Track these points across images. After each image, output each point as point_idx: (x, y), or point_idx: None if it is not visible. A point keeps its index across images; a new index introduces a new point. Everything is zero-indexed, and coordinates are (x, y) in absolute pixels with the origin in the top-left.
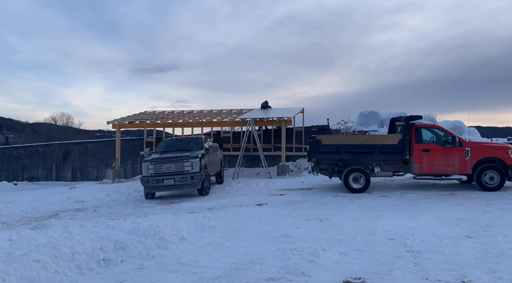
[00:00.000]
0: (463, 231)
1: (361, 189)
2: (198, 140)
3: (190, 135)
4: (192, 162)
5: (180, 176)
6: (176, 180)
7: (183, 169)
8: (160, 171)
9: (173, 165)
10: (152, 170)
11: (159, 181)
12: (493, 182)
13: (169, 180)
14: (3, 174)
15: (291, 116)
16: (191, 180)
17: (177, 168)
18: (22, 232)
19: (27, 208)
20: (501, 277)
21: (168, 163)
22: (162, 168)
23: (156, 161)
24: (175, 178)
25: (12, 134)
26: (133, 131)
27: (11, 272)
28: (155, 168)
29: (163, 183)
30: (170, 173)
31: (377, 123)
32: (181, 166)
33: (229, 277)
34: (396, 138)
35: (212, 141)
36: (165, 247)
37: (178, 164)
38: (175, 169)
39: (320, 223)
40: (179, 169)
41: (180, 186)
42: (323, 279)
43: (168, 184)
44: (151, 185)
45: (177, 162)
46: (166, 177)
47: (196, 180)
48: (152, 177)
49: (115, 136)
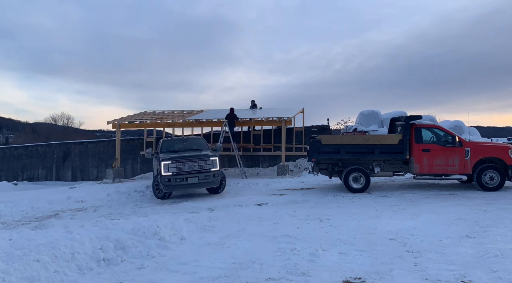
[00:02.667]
0: (463, 231)
1: (361, 189)
2: (202, 141)
3: (190, 136)
4: (213, 160)
5: (204, 174)
6: (200, 178)
7: (206, 167)
8: (183, 169)
9: (196, 163)
10: (174, 168)
11: (183, 180)
12: (493, 182)
13: (193, 178)
14: (3, 174)
15: (291, 116)
16: (213, 177)
17: (200, 166)
18: (22, 232)
19: (27, 208)
20: (501, 277)
21: (192, 161)
22: (186, 167)
23: (178, 160)
24: (199, 176)
25: (12, 134)
26: (133, 131)
27: (11, 272)
28: (178, 166)
29: (187, 181)
30: (193, 172)
31: (377, 123)
32: (203, 164)
33: (229, 277)
34: (396, 138)
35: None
36: (165, 247)
37: (201, 162)
38: (198, 167)
39: (320, 223)
40: (202, 167)
41: (203, 183)
42: (323, 279)
43: (192, 182)
44: (174, 184)
45: (200, 160)
46: (190, 175)
47: (217, 178)
48: (175, 175)
49: (115, 136)
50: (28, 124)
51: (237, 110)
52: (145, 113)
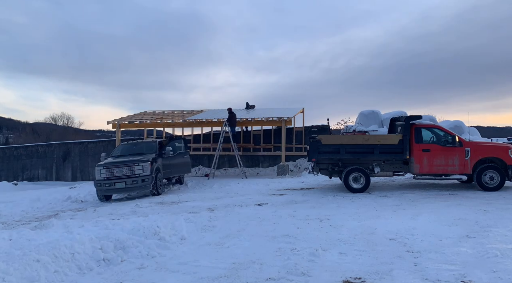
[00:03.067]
0: (463, 231)
1: (361, 189)
2: (153, 144)
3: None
4: (143, 165)
5: (131, 179)
6: (127, 183)
7: (134, 173)
8: (112, 174)
9: (124, 169)
10: (104, 174)
11: (111, 184)
12: (493, 182)
13: (121, 183)
14: (3, 174)
15: (291, 116)
16: (142, 182)
17: (128, 171)
18: (22, 232)
19: (27, 208)
20: (501, 277)
21: (120, 167)
22: (114, 172)
23: (108, 166)
24: (126, 181)
25: (12, 134)
26: (133, 131)
27: (11, 272)
28: (107, 172)
29: (115, 186)
30: (121, 177)
31: (377, 123)
32: (132, 169)
33: (229, 277)
34: (396, 138)
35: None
36: (165, 247)
37: (129, 168)
38: (126, 172)
39: (320, 223)
40: (130, 173)
41: (131, 188)
42: (323, 279)
43: (119, 186)
44: (104, 188)
45: (128, 166)
46: (118, 180)
47: (147, 182)
48: (105, 180)
49: (115, 137)
50: (28, 124)
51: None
52: (145, 113)
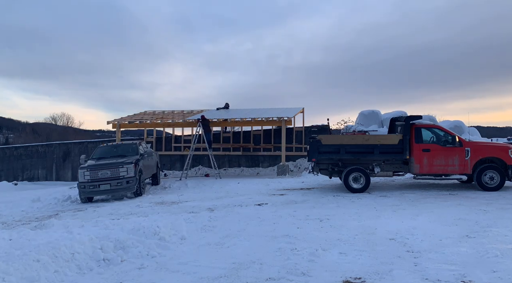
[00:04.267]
0: (463, 231)
1: (361, 189)
2: (133, 146)
3: (125, 141)
4: (127, 167)
5: (116, 181)
6: (112, 185)
7: (119, 174)
8: (96, 176)
9: (109, 171)
10: (88, 176)
11: (96, 186)
12: (493, 182)
13: (106, 185)
14: (3, 174)
15: (291, 116)
16: (127, 184)
17: (112, 173)
18: (22, 232)
19: (27, 208)
20: (501, 277)
21: (104, 169)
22: (98, 174)
23: (92, 168)
24: (111, 183)
25: (12, 134)
26: (133, 131)
27: (11, 272)
28: (91, 174)
29: (100, 188)
30: (106, 179)
31: (377, 123)
32: (116, 171)
33: (229, 277)
34: (396, 138)
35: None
36: (165, 247)
37: (113, 170)
38: (111, 174)
39: (320, 223)
40: (115, 175)
41: (116, 190)
42: (323, 279)
43: (104, 188)
44: (88, 190)
45: (113, 168)
46: (103, 182)
47: (132, 184)
48: (89, 182)
49: (115, 137)
50: (28, 124)
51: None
52: (145, 113)
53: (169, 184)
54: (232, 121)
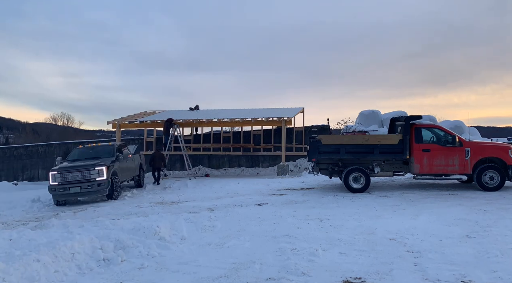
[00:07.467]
0: (463, 231)
1: (361, 189)
2: (110, 148)
3: (102, 143)
4: (98, 170)
5: (86, 184)
6: (83, 188)
7: (90, 177)
8: (66, 179)
9: (79, 174)
10: (59, 178)
11: (66, 189)
12: (493, 182)
13: (76, 188)
14: (3, 174)
15: (291, 116)
16: (98, 187)
17: (83, 176)
18: (22, 232)
19: (27, 208)
20: (501, 277)
21: (75, 172)
22: (69, 177)
23: (63, 170)
24: (81, 185)
25: (12, 134)
26: (133, 131)
27: (11, 272)
28: (62, 176)
29: (70, 190)
30: (76, 181)
31: (377, 123)
32: (87, 174)
33: (229, 277)
34: (396, 138)
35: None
36: (165, 247)
37: (84, 173)
38: (81, 177)
39: (320, 223)
40: (86, 177)
41: (86, 193)
42: (323, 279)
43: (74, 191)
44: (58, 193)
45: (83, 171)
46: (73, 185)
47: (103, 187)
48: (59, 185)
49: (115, 137)
50: (28, 124)
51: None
52: (145, 113)
53: (169, 184)
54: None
